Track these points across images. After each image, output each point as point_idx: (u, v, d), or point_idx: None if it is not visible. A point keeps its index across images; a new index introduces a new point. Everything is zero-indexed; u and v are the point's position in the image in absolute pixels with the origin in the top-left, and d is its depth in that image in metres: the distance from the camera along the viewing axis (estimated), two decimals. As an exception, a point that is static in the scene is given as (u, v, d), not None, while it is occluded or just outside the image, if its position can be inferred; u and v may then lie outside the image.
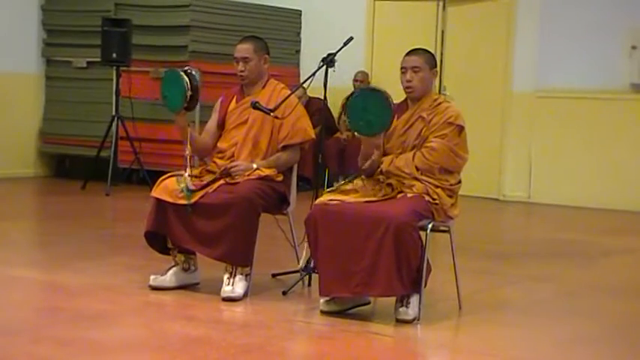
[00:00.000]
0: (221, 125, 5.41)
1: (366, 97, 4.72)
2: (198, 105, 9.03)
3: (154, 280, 5.15)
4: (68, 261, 5.93)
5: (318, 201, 4.79)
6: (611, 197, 9.70)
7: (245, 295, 5.00)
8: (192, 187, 4.99)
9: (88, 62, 10.43)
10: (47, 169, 11.02)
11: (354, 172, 5.10)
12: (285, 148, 5.27)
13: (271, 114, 5.12)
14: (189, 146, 5.15)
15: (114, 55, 9.51)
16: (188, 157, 5.11)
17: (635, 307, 5.48)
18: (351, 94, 4.78)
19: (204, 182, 5.07)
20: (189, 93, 5.05)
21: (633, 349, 4.55)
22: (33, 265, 5.94)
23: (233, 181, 5.06)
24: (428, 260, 4.71)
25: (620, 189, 9.70)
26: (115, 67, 9.68)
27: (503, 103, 10.36)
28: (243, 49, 5.31)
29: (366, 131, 4.73)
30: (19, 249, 6.49)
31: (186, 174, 5.03)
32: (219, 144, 5.36)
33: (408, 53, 4.99)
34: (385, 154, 4.96)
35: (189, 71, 5.11)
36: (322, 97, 5.48)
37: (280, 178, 5.19)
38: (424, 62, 4.91)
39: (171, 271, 5.19)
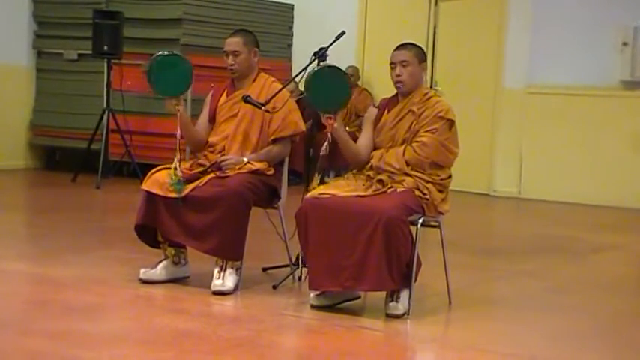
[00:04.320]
0: (212, 119, 5.40)
1: (323, 74, 4.73)
2: (189, 99, 9.00)
3: (144, 273, 5.15)
4: (58, 254, 5.92)
5: (308, 195, 4.80)
6: (601, 193, 9.73)
7: (235, 288, 5.00)
8: (180, 175, 4.95)
9: (80, 54, 10.40)
10: (38, 162, 10.99)
11: (344, 166, 5.11)
12: (275, 141, 5.27)
13: (262, 108, 5.12)
14: (179, 129, 5.10)
15: (105, 47, 9.49)
16: (178, 139, 5.07)
17: (624, 302, 5.51)
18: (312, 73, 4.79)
19: (195, 173, 5.06)
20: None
21: (622, 344, 4.57)
22: (23, 257, 5.93)
23: (224, 175, 5.06)
24: (418, 255, 4.72)
25: (609, 185, 9.73)
26: (106, 60, 9.66)
27: (494, 99, 10.39)
28: (233, 42, 5.30)
29: (327, 107, 4.73)
30: (8, 241, 6.47)
31: (176, 160, 5.00)
32: (209, 138, 5.35)
33: (397, 48, 5.00)
34: (375, 148, 4.97)
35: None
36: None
37: (271, 171, 5.20)
38: (413, 56, 4.92)
39: (161, 265, 5.18)
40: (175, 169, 4.97)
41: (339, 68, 4.78)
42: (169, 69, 5.04)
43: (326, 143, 4.78)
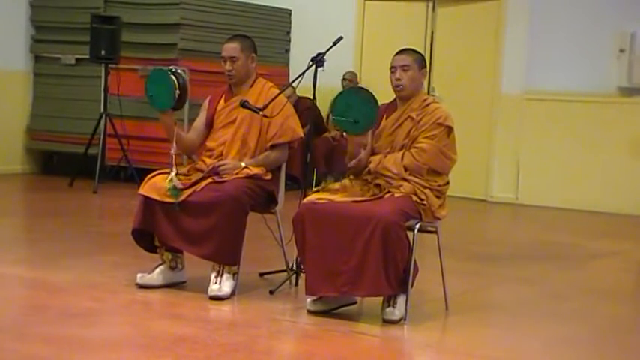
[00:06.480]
0: (209, 124, 5.40)
1: (351, 96, 4.71)
2: (187, 103, 9.00)
3: (140, 278, 5.14)
4: (55, 258, 5.92)
5: (305, 200, 4.80)
6: (598, 200, 9.74)
7: (232, 293, 5.00)
8: (180, 186, 4.98)
9: (77, 59, 10.39)
10: (35, 166, 10.98)
11: (341, 171, 5.11)
12: (273, 147, 5.27)
13: (260, 113, 5.12)
14: (174, 145, 5.13)
15: (103, 52, 9.49)
16: (174, 157, 5.09)
17: (620, 309, 5.51)
18: (340, 92, 4.80)
19: (193, 181, 5.07)
20: (177, 92, 5.04)
21: (618, 351, 4.57)
22: (19, 262, 5.92)
23: (221, 180, 5.05)
24: (415, 260, 4.71)
25: (607, 192, 9.74)
26: (103, 65, 9.65)
27: (491, 105, 10.39)
28: (230, 48, 5.31)
29: (352, 130, 4.72)
30: (5, 246, 6.46)
31: (173, 174, 5.01)
32: (207, 143, 5.36)
33: (398, 52, 5.01)
34: (373, 153, 4.97)
35: (176, 70, 5.10)
36: (311, 97, 5.48)
37: (269, 177, 5.20)
38: (413, 61, 4.92)
39: (158, 270, 5.18)
40: (172, 182, 4.97)
41: (370, 94, 4.71)
42: (159, 84, 5.07)
43: (357, 159, 4.79)
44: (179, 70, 5.11)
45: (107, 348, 4.08)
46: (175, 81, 5.03)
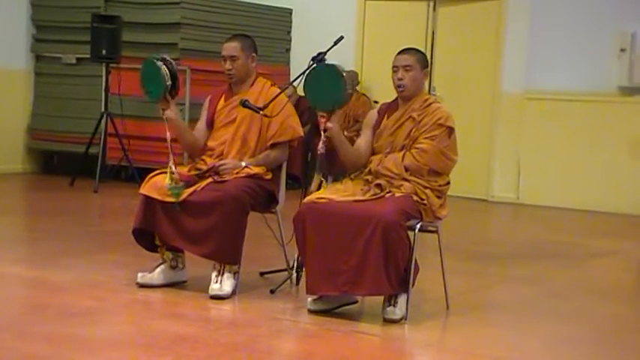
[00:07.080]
0: (210, 124, 5.41)
1: (318, 73, 4.75)
2: (187, 104, 8.98)
3: (141, 277, 5.14)
4: (55, 257, 5.92)
5: (306, 199, 4.80)
6: (598, 199, 9.74)
7: (233, 293, 5.00)
8: (177, 177, 4.95)
9: (78, 58, 10.40)
10: (35, 166, 10.99)
11: (342, 171, 5.11)
12: (273, 146, 5.27)
13: (261, 112, 5.12)
14: (168, 132, 5.10)
15: (103, 51, 9.50)
16: (169, 141, 5.07)
17: (620, 308, 5.51)
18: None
19: (192, 175, 5.07)
20: (168, 83, 5.03)
21: (618, 350, 4.57)
22: (20, 261, 5.92)
23: (221, 179, 5.06)
24: (416, 260, 4.71)
25: (608, 191, 9.74)
26: (104, 64, 9.66)
27: (492, 104, 10.39)
28: (231, 47, 5.31)
29: (323, 106, 4.74)
30: (6, 245, 6.46)
31: (171, 161, 4.99)
32: (208, 142, 5.35)
33: (400, 52, 5.00)
34: (374, 153, 4.97)
35: (164, 58, 5.07)
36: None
37: (269, 176, 5.20)
38: (416, 61, 4.92)
39: (159, 269, 5.18)
40: (172, 172, 4.97)
41: (336, 68, 4.77)
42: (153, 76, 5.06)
43: (321, 142, 4.78)
44: (167, 58, 5.07)
45: (107, 347, 4.08)
46: (166, 71, 5.01)
